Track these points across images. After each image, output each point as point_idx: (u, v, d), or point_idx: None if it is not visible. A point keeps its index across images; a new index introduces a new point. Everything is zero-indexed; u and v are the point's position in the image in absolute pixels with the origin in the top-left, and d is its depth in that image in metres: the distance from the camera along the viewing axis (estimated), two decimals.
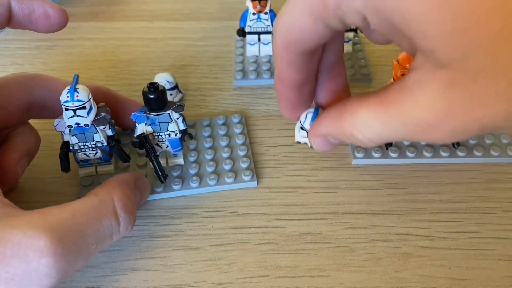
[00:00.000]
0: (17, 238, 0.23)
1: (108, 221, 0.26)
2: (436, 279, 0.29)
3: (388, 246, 0.30)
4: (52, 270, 0.23)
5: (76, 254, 0.24)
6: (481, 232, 0.31)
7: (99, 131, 0.31)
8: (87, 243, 0.25)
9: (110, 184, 0.29)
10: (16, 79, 0.33)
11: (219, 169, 0.35)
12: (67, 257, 0.24)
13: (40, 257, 0.23)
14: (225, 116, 0.39)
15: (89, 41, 0.50)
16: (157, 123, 0.32)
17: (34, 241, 0.23)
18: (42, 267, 0.23)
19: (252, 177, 0.34)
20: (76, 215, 0.25)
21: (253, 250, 0.30)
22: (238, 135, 0.37)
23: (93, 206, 0.26)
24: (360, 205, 0.33)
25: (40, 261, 0.23)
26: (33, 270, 0.23)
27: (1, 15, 0.29)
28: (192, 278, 0.29)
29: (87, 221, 0.25)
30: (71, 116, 0.30)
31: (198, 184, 0.34)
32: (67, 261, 0.24)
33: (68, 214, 0.25)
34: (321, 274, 0.29)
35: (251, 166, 0.35)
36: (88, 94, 0.30)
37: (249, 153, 0.36)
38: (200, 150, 0.36)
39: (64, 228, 0.24)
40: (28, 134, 0.33)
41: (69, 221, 0.24)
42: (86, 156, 0.33)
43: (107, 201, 0.27)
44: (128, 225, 0.28)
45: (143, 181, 0.31)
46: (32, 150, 0.33)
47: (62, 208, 0.25)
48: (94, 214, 0.26)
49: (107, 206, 0.27)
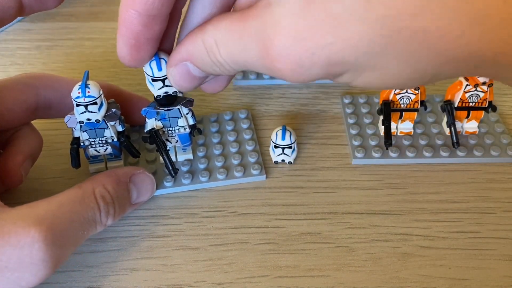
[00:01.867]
0: (7, 228, 0.23)
1: (91, 209, 0.27)
2: (436, 279, 0.29)
3: (388, 246, 0.30)
4: (45, 255, 0.24)
5: (66, 240, 0.25)
6: (481, 232, 0.31)
7: (109, 126, 0.32)
8: (75, 229, 0.26)
9: (95, 177, 0.29)
10: (23, 80, 0.33)
11: (228, 163, 0.35)
12: (58, 242, 0.24)
13: (32, 243, 0.23)
14: (232, 111, 0.39)
15: (89, 41, 0.50)
16: (167, 118, 0.32)
17: (25, 230, 0.23)
18: (36, 252, 0.23)
19: (261, 171, 0.34)
20: (62, 205, 0.26)
21: (253, 250, 0.30)
22: (245, 130, 0.38)
23: (76, 196, 0.27)
24: (360, 205, 0.33)
25: (33, 247, 0.23)
26: (27, 256, 0.23)
27: (11, 8, 0.28)
28: (192, 278, 0.29)
29: (72, 209, 0.26)
30: (82, 112, 0.30)
31: (207, 178, 0.34)
32: (58, 246, 0.24)
33: (54, 205, 0.26)
34: (321, 274, 0.29)
35: (260, 160, 0.35)
36: (99, 90, 0.30)
37: (257, 147, 0.36)
38: (209, 145, 0.37)
39: (51, 217, 0.25)
40: (31, 136, 0.33)
41: (56, 211, 0.25)
42: (96, 152, 0.33)
43: (88, 191, 0.28)
44: (109, 216, 0.28)
45: (141, 176, 0.31)
46: (35, 152, 0.33)
47: (48, 201, 0.26)
48: (78, 203, 0.27)
49: (89, 196, 0.28)
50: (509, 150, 0.35)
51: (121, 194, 0.30)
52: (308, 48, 0.19)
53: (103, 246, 0.31)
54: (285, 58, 0.19)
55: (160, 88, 0.30)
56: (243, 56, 0.22)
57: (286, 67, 0.20)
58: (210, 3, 0.24)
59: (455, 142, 0.35)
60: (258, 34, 0.20)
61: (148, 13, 0.23)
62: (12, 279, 0.23)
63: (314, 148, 0.37)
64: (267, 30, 0.19)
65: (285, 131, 0.34)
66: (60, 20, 0.54)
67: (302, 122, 0.39)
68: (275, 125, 0.39)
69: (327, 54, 0.19)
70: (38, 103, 0.33)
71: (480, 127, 0.37)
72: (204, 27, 0.23)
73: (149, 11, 0.23)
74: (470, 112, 0.36)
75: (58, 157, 0.36)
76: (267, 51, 0.20)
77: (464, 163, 0.35)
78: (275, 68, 0.20)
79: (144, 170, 0.32)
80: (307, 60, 0.19)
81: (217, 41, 0.22)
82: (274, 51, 0.19)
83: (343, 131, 0.38)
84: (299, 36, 0.19)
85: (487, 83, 0.34)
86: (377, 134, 0.37)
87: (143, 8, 0.23)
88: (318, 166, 0.36)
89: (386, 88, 0.35)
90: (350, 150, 0.36)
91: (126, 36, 0.24)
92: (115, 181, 0.29)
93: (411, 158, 0.35)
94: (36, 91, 0.33)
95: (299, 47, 0.19)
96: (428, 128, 0.37)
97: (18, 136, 0.33)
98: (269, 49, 0.20)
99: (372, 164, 0.36)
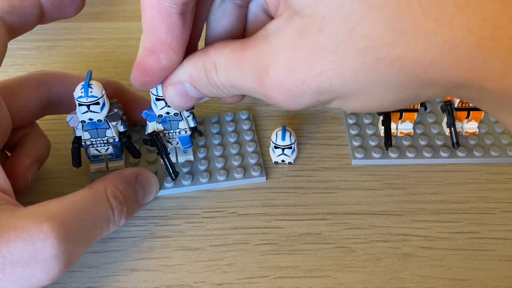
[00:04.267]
0: (19, 224, 0.23)
1: (103, 208, 0.27)
2: (436, 280, 0.29)
3: (388, 247, 0.30)
4: (58, 251, 0.23)
5: (78, 237, 0.25)
6: (481, 233, 0.31)
7: (111, 127, 0.32)
8: (87, 227, 0.26)
9: (104, 178, 0.29)
10: (35, 77, 0.33)
11: (228, 165, 0.35)
12: (70, 239, 0.24)
13: (45, 238, 0.23)
14: (233, 112, 0.39)
15: (89, 41, 0.50)
16: (167, 121, 0.32)
17: (37, 225, 0.23)
18: (48, 248, 0.23)
19: (261, 173, 0.34)
20: (74, 203, 0.26)
21: (253, 251, 0.30)
22: (246, 131, 0.38)
23: (88, 195, 0.27)
24: (360, 205, 0.33)
25: (45, 242, 0.23)
26: (39, 252, 0.23)
27: (33, 15, 0.30)
28: (192, 279, 0.29)
29: (84, 207, 0.26)
30: (84, 112, 0.30)
31: (207, 179, 0.34)
32: (71, 243, 0.24)
33: (66, 204, 0.26)
34: (321, 275, 0.29)
35: (260, 162, 0.35)
36: (102, 90, 0.30)
37: (258, 149, 0.36)
38: (209, 146, 0.37)
39: (63, 214, 0.25)
40: (40, 141, 0.34)
41: (68, 208, 0.25)
42: (97, 151, 0.33)
43: (100, 191, 0.28)
44: (122, 215, 0.28)
45: (146, 177, 0.32)
46: (43, 156, 0.34)
47: (60, 200, 0.26)
48: (90, 202, 0.27)
49: (101, 195, 0.28)
50: (509, 150, 0.35)
51: (131, 193, 0.30)
52: (299, 79, 0.20)
53: (103, 246, 0.31)
54: (278, 87, 0.21)
55: (162, 108, 0.31)
56: (240, 82, 0.23)
57: (280, 96, 0.21)
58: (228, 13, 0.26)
59: (455, 142, 0.35)
60: (256, 64, 0.22)
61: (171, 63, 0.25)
62: (23, 275, 0.23)
63: (314, 148, 0.37)
64: (263, 61, 0.21)
65: (285, 132, 0.34)
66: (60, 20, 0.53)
67: (302, 123, 0.39)
68: (275, 125, 0.39)
69: (316, 83, 0.20)
70: (50, 99, 0.33)
71: (480, 128, 0.37)
72: (207, 50, 0.24)
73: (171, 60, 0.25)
74: (470, 112, 0.36)
75: (58, 157, 0.36)
76: (263, 80, 0.22)
77: (464, 164, 0.35)
78: (270, 95, 0.22)
79: (147, 170, 0.32)
80: (298, 89, 0.21)
81: (217, 66, 0.24)
82: (269, 81, 0.21)
83: (343, 131, 0.38)
84: (290, 67, 0.20)
85: None
86: (377, 135, 0.37)
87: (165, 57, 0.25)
88: (318, 167, 0.36)
89: (374, 111, 0.36)
90: (350, 151, 0.36)
91: (142, 74, 0.26)
92: (124, 181, 0.29)
93: (411, 159, 0.35)
94: (49, 88, 0.33)
95: (291, 77, 0.20)
96: (428, 129, 0.37)
97: (27, 140, 0.33)
98: (265, 78, 0.21)
99: (372, 164, 0.36)
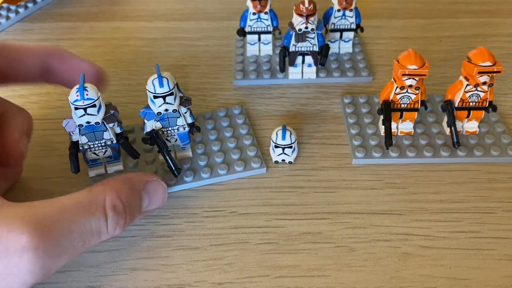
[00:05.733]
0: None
1: (96, 219, 0.26)
2: (437, 279, 0.28)
3: (389, 246, 0.30)
4: (34, 266, 0.23)
5: (60, 251, 0.24)
6: (482, 232, 0.31)
7: (108, 128, 0.31)
8: (73, 240, 0.25)
9: (109, 182, 0.28)
10: None
11: (227, 159, 0.35)
12: (50, 253, 0.24)
13: (22, 253, 0.23)
14: (226, 108, 0.40)
15: (89, 41, 0.50)
16: (166, 119, 0.32)
17: (16, 236, 0.23)
18: (24, 263, 0.23)
19: (261, 164, 0.35)
20: (64, 210, 0.25)
21: (253, 250, 0.30)
22: (241, 125, 0.38)
23: (83, 201, 0.26)
24: (360, 205, 0.33)
25: (21, 257, 0.23)
26: (14, 266, 0.23)
27: (35, 68, 0.32)
28: (192, 278, 0.29)
29: (74, 217, 0.25)
30: (81, 115, 0.30)
31: (209, 174, 0.34)
32: (50, 257, 0.24)
33: (55, 209, 0.25)
34: (321, 274, 0.29)
35: (259, 154, 0.35)
36: (97, 92, 0.30)
37: (255, 141, 0.37)
38: (206, 142, 0.37)
39: (48, 223, 0.24)
40: (19, 114, 0.33)
41: (55, 216, 0.24)
42: (95, 155, 0.33)
43: (99, 199, 0.27)
44: (117, 226, 0.27)
45: (155, 185, 0.30)
46: (28, 128, 0.33)
47: (50, 203, 0.25)
48: (82, 211, 0.25)
49: (97, 204, 0.26)
50: (509, 150, 0.35)
51: (134, 202, 0.29)
52: None
53: (103, 246, 0.31)
54: None
55: (160, 105, 0.30)
56: None
57: None
58: None
59: (455, 142, 0.35)
60: None
61: None
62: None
63: (314, 148, 0.37)
64: None
65: (285, 131, 0.34)
66: (60, 20, 0.54)
67: (302, 122, 0.39)
68: (275, 125, 0.39)
69: None
70: None
71: (480, 127, 0.37)
72: None
73: None
74: (471, 112, 0.36)
75: (58, 157, 0.36)
76: None
77: (465, 163, 0.35)
78: None
79: (158, 177, 0.31)
80: None
81: None
82: None
83: (343, 131, 0.38)
84: None
85: (488, 83, 0.34)
86: (377, 134, 0.37)
87: None
88: (318, 166, 0.36)
89: None
90: (350, 150, 0.36)
91: None
92: (129, 189, 0.28)
93: (411, 158, 0.35)
94: None
95: None
96: (428, 128, 0.37)
97: (6, 116, 0.32)
98: None
99: (372, 164, 0.36)
